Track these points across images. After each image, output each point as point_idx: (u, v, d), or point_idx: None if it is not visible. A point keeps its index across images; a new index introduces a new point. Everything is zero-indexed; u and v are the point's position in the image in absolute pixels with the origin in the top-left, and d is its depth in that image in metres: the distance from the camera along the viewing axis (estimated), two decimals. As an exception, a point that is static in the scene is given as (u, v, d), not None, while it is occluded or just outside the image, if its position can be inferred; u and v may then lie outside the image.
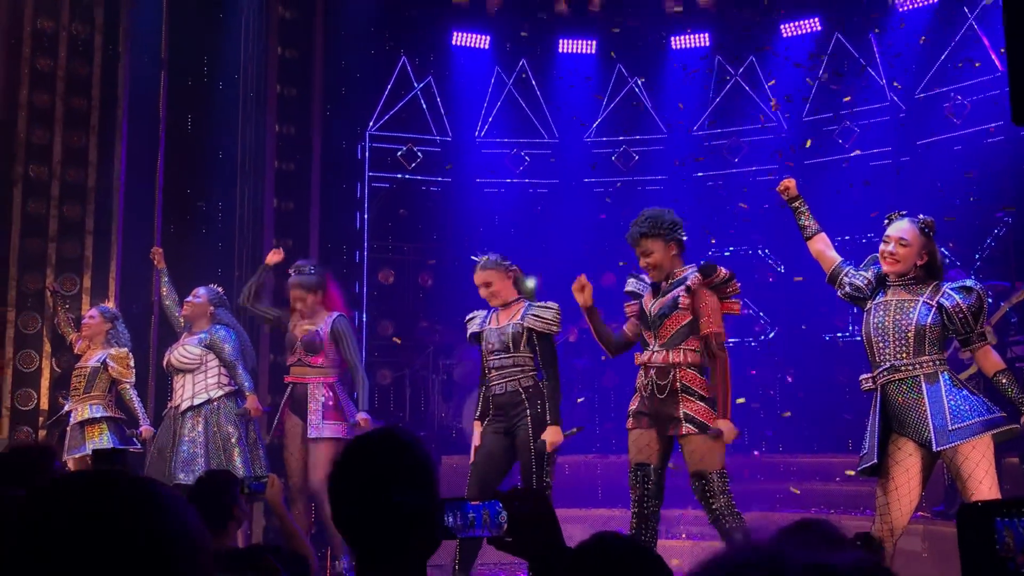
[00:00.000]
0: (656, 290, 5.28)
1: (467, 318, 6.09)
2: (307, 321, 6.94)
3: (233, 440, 6.95)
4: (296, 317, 7.05)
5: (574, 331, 10.04)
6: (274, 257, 7.43)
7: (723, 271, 5.13)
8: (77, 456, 6.89)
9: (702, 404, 5.05)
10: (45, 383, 8.22)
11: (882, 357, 4.67)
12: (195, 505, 3.78)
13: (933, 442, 4.45)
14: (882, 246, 4.75)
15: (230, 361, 7.00)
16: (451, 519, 2.04)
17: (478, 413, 5.85)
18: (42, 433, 7.63)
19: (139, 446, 7.23)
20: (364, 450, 2.07)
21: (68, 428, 7.10)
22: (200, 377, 7.01)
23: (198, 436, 6.90)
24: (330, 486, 2.07)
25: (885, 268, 4.74)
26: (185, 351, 7.06)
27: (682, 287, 5.12)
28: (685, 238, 5.27)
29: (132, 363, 7.28)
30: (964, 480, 4.46)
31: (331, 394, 6.78)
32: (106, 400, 7.15)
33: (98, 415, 7.08)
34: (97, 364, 7.16)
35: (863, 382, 4.79)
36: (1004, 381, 4.56)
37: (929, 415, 4.50)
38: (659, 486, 5.14)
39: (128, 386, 7.19)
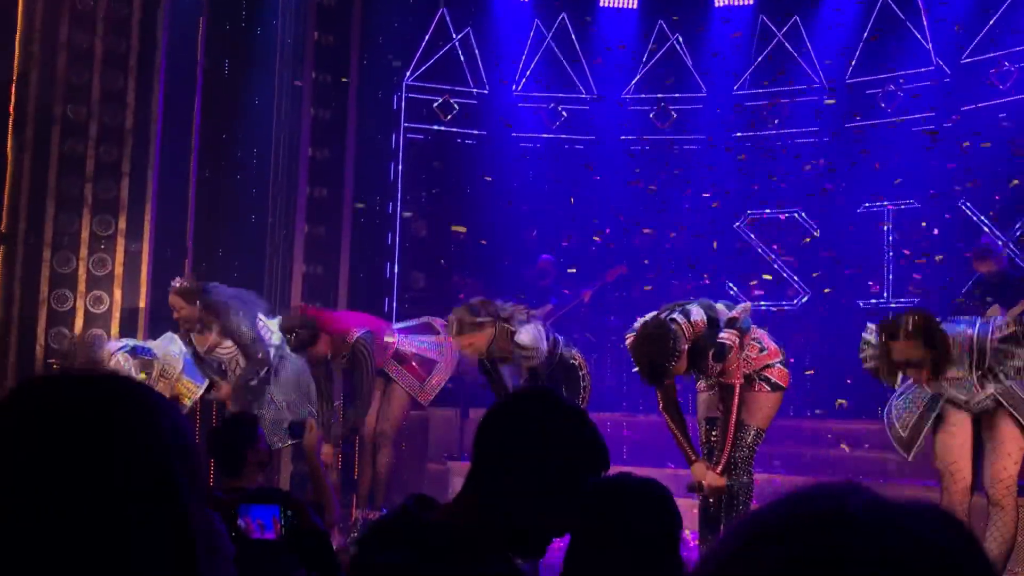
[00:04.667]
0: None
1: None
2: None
3: (310, 385, 7.01)
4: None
5: (587, 293, 9.99)
6: None
7: (734, 347, 5.09)
8: None
9: (777, 367, 5.25)
10: (79, 322, 8.29)
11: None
12: (211, 449, 3.83)
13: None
14: None
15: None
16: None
17: None
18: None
19: None
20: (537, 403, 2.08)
21: None
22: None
23: (280, 398, 7.00)
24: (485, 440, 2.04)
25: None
26: (220, 351, 7.15)
27: (716, 370, 5.18)
28: (685, 346, 5.10)
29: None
30: (996, 448, 4.54)
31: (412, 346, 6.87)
32: None
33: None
34: None
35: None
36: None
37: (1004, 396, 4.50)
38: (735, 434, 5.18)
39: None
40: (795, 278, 10.22)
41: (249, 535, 2.68)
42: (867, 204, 9.96)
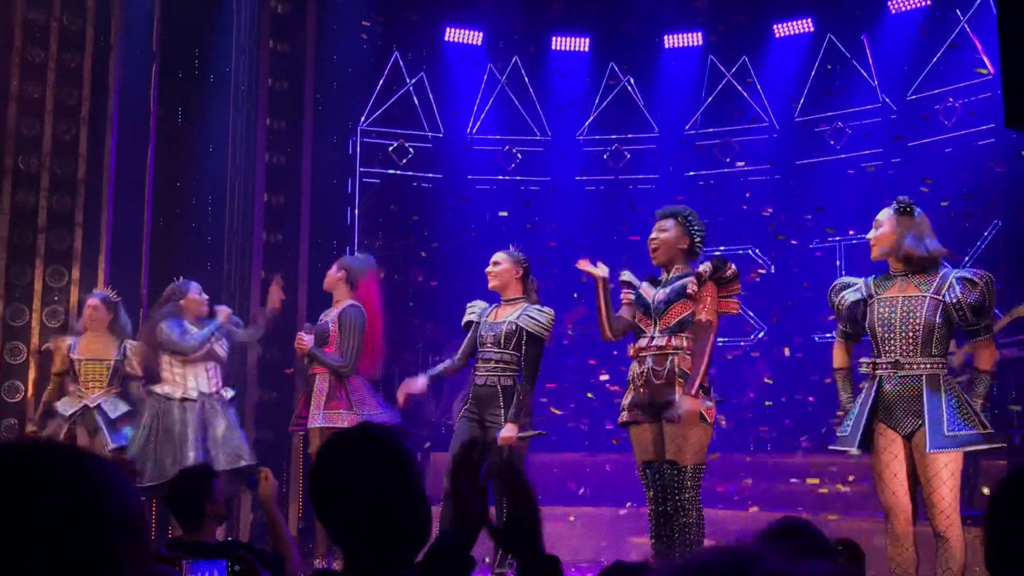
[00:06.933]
0: (655, 284, 5.34)
1: (469, 305, 6.20)
2: (330, 310, 6.93)
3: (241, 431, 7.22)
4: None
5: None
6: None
7: (732, 267, 5.20)
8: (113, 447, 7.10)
9: (699, 391, 5.08)
10: (32, 375, 8.18)
11: (887, 350, 4.70)
12: (169, 503, 3.79)
13: (928, 443, 4.49)
14: None
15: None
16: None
17: (463, 401, 6.09)
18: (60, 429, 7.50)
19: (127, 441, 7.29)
20: (345, 446, 2.07)
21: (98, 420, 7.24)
22: (221, 366, 7.28)
23: (232, 421, 7.13)
24: (309, 485, 2.06)
25: (871, 256, 4.88)
26: (225, 343, 7.30)
27: (690, 277, 5.17)
28: (699, 246, 5.39)
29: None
30: (930, 479, 4.54)
31: (338, 383, 6.71)
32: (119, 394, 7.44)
33: (124, 411, 7.31)
34: (120, 358, 7.33)
35: (861, 364, 4.83)
36: (981, 386, 4.66)
37: (926, 416, 4.54)
38: (671, 478, 5.13)
39: (136, 384, 7.39)
40: (751, 314, 10.32)
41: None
42: (819, 240, 10.09)
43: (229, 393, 7.30)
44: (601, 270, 5.36)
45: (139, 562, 1.09)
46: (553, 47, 11.15)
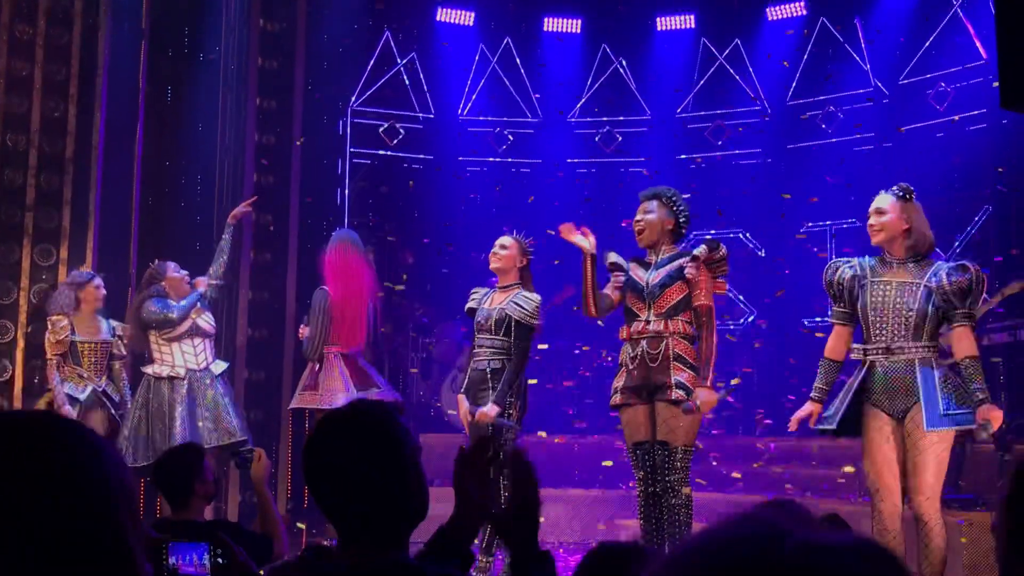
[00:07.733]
0: (644, 265, 5.35)
1: (472, 292, 6.21)
2: None
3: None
4: None
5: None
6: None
7: (723, 248, 5.24)
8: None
9: (692, 373, 5.16)
10: (20, 354, 8.14)
11: (878, 335, 4.71)
12: (157, 481, 3.79)
13: (925, 421, 4.51)
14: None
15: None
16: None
17: (463, 387, 5.97)
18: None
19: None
20: (335, 425, 2.06)
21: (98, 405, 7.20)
22: (212, 341, 7.31)
23: (223, 395, 7.14)
24: (303, 462, 2.05)
25: (872, 241, 4.87)
26: (210, 316, 7.36)
27: (686, 258, 5.21)
28: (684, 227, 5.45)
29: None
30: (916, 462, 4.58)
31: (317, 367, 6.78)
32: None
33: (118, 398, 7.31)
34: (111, 338, 7.30)
35: (852, 350, 4.85)
36: (970, 369, 4.64)
37: (922, 396, 4.57)
38: (662, 459, 5.15)
39: (119, 363, 7.37)
40: (741, 298, 10.32)
41: (178, 573, 2.68)
42: (810, 224, 10.08)
43: (220, 367, 7.27)
44: (588, 241, 5.36)
45: (138, 534, 1.08)
46: (545, 28, 11.11)
